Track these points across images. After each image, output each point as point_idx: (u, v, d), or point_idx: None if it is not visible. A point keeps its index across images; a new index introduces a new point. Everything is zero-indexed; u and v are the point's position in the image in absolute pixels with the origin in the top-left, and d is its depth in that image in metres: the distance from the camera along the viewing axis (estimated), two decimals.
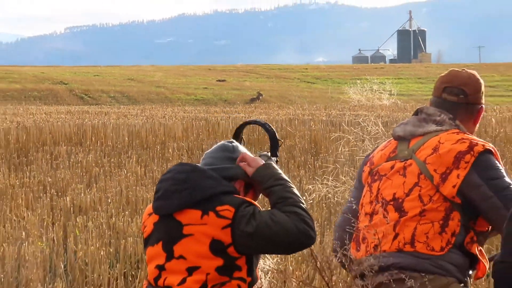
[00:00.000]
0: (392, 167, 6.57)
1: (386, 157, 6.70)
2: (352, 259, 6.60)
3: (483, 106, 6.88)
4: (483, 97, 6.87)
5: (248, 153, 6.01)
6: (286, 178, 5.93)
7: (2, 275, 8.76)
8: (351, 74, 65.86)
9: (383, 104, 31.20)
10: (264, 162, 5.94)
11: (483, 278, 7.40)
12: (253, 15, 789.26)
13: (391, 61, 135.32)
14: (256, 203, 5.82)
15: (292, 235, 5.67)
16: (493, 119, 20.94)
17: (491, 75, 74.75)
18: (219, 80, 68.19)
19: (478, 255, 6.47)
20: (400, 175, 6.50)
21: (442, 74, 6.96)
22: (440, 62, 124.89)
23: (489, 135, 17.21)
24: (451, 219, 6.33)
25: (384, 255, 6.37)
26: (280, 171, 5.96)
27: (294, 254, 7.37)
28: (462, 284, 6.36)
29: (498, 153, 6.51)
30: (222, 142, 6.06)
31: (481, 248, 6.54)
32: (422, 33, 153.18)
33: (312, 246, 6.37)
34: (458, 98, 6.72)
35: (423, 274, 6.29)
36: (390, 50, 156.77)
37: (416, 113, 6.80)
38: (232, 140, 6.16)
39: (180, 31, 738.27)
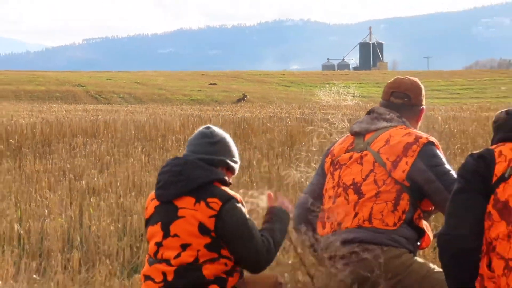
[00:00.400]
0: (350, 158, 6.69)
1: (344, 149, 6.80)
2: (317, 237, 6.66)
3: (424, 107, 7.10)
4: (424, 99, 7.07)
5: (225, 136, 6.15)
6: (286, 222, 6.28)
7: (28, 246, 8.75)
8: (321, 79, 65.87)
9: (347, 104, 31.12)
10: (288, 211, 6.34)
11: (431, 250, 7.40)
12: (240, 30, 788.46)
13: (354, 68, 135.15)
14: (241, 200, 5.96)
15: (255, 245, 5.88)
16: (439, 117, 20.96)
17: (437, 80, 74.86)
18: (211, 84, 68.05)
19: (425, 229, 6.60)
20: (357, 164, 6.62)
21: (389, 81, 7.10)
22: (395, 70, 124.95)
23: (436, 130, 17.21)
24: (402, 199, 6.46)
25: (346, 231, 6.47)
26: (286, 218, 6.30)
27: None
28: (411, 254, 6.45)
29: (439, 145, 6.64)
30: (201, 129, 6.13)
31: (426, 223, 6.68)
32: (380, 45, 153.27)
33: (289, 226, 6.46)
34: (403, 101, 6.91)
35: (379, 246, 6.38)
36: (353, 59, 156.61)
37: (369, 112, 6.94)
38: (208, 126, 6.17)
39: (178, 43, 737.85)
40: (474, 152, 5.20)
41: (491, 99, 52.12)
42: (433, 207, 6.69)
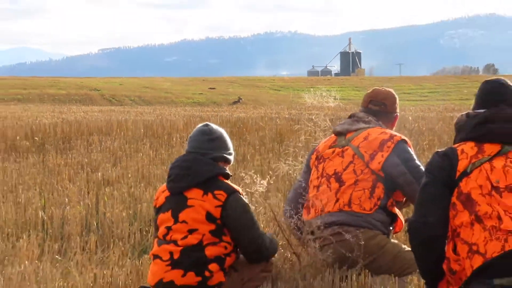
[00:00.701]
0: (333, 152, 6.92)
1: (328, 146, 7.04)
2: (304, 221, 6.81)
3: (398, 114, 7.33)
4: (398, 108, 7.30)
5: (223, 133, 6.35)
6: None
7: (50, 230, 8.75)
8: (307, 84, 65.76)
9: (329, 106, 31.05)
10: None
11: (403, 234, 7.42)
12: (235, 41, 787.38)
13: (336, 74, 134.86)
14: (242, 192, 6.16)
15: (259, 235, 6.11)
16: (410, 117, 20.96)
17: (408, 85, 74.76)
18: (210, 88, 67.91)
19: (398, 215, 6.78)
20: (339, 157, 6.84)
21: (368, 91, 7.34)
22: (371, 76, 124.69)
23: (407, 128, 17.20)
24: (377, 187, 6.67)
25: (328, 215, 6.67)
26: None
27: (261, 219, 7.35)
28: (385, 236, 6.63)
29: (410, 142, 6.92)
30: (200, 126, 6.37)
31: (398, 210, 6.84)
32: (358, 54, 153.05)
33: (276, 211, 6.54)
34: (380, 108, 7.15)
35: (357, 228, 6.55)
36: (335, 66, 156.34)
37: (350, 116, 7.17)
38: (206, 123, 6.40)
39: (182, 52, 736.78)
40: (439, 150, 5.29)
41: (455, 101, 52.11)
42: (404, 199, 6.92)
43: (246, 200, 6.11)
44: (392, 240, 6.82)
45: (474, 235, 4.98)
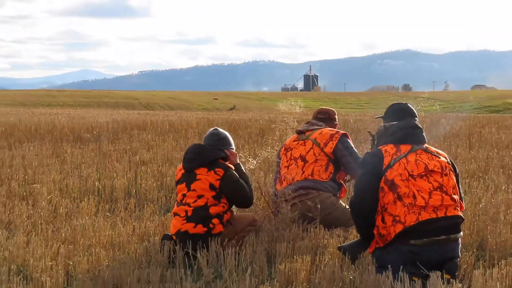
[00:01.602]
0: (297, 143, 7.24)
1: (292, 140, 7.36)
2: (276, 191, 7.01)
3: (337, 123, 7.66)
4: (337, 118, 7.66)
5: (227, 135, 6.54)
6: (246, 173, 6.47)
7: (103, 195, 8.70)
8: (280, 97, 65.65)
9: (296, 111, 31.03)
10: (238, 162, 6.47)
11: (345, 198, 7.43)
12: (232, 66, 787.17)
13: (301, 90, 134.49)
14: (234, 168, 6.31)
15: (245, 194, 6.27)
16: (351, 120, 20.88)
17: (350, 98, 74.94)
18: (214, 99, 67.82)
19: (343, 184, 7.18)
20: (302, 146, 7.17)
21: (317, 109, 7.75)
22: (325, 91, 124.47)
23: (349, 127, 17.17)
24: (329, 165, 7.02)
25: (297, 182, 6.92)
26: (244, 169, 6.50)
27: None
28: (336, 197, 6.96)
29: (352, 137, 7.52)
30: (211, 130, 6.63)
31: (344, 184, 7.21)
32: (316, 76, 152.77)
33: (260, 183, 6.58)
34: (325, 116, 7.52)
35: (317, 191, 6.85)
36: (300, 85, 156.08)
37: (307, 123, 7.51)
38: (215, 128, 6.65)
39: (195, 74, 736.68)
40: (369, 151, 5.61)
41: (382, 109, 52.00)
42: (347, 176, 7.20)
43: (236, 173, 6.26)
44: (340, 201, 7.04)
45: (396, 209, 5.14)
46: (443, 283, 4.72)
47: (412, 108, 5.91)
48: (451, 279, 4.88)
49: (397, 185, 5.14)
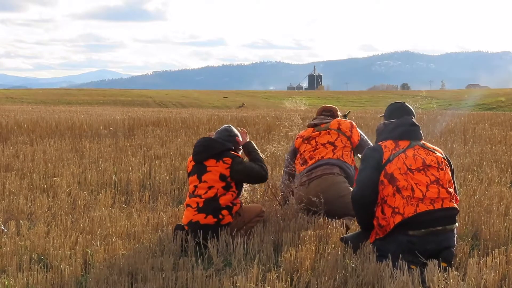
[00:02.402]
0: (319, 133, 7.32)
1: (311, 132, 7.41)
2: (295, 172, 7.26)
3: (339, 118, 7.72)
4: (339, 114, 7.80)
5: (238, 133, 6.50)
6: (257, 149, 6.40)
7: (119, 188, 8.70)
8: (286, 95, 65.57)
9: (301, 109, 30.98)
10: (249, 140, 6.47)
11: None
12: (240, 67, 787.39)
13: (305, 89, 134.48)
14: (241, 155, 6.31)
15: (257, 172, 6.14)
16: (353, 117, 20.86)
17: (351, 96, 74.81)
18: (224, 97, 67.76)
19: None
20: (327, 135, 7.28)
21: (320, 107, 7.90)
22: (328, 90, 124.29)
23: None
24: (352, 153, 7.23)
25: (327, 159, 7.08)
26: (255, 146, 6.43)
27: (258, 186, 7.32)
28: (349, 185, 6.96)
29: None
30: (224, 126, 6.53)
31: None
32: (320, 76, 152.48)
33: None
34: (330, 113, 7.69)
35: (341, 170, 7.03)
36: (305, 84, 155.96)
37: (315, 118, 7.63)
38: (229, 125, 6.54)
39: (206, 74, 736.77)
40: (370, 146, 5.68)
41: (382, 107, 52.05)
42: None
43: (244, 159, 6.30)
44: (351, 189, 6.98)
45: (396, 201, 5.15)
46: (440, 271, 4.70)
47: (410, 107, 5.90)
48: (447, 267, 4.86)
49: (396, 178, 5.15)
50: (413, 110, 5.99)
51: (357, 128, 7.37)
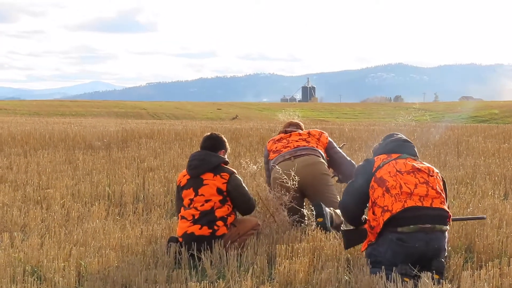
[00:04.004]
0: (290, 135, 7.60)
1: (280, 136, 7.65)
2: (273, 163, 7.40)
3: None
4: (303, 127, 7.95)
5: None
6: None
7: (113, 200, 8.68)
8: (280, 107, 65.62)
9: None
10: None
11: None
12: (234, 78, 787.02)
13: (299, 101, 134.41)
14: (238, 173, 6.38)
15: (250, 200, 6.31)
16: (346, 129, 20.86)
17: (345, 108, 74.89)
18: (218, 109, 67.75)
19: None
20: (298, 135, 7.57)
21: (288, 122, 8.12)
22: (322, 102, 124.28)
23: (344, 136, 17.13)
24: (324, 151, 7.49)
25: (302, 147, 7.32)
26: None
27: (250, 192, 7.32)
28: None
29: (347, 146, 8.24)
30: (208, 134, 6.62)
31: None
32: (313, 88, 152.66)
33: (259, 189, 6.54)
34: (297, 126, 7.91)
35: (317, 156, 7.29)
36: (298, 96, 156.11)
37: (286, 128, 7.86)
38: (212, 132, 6.66)
39: (199, 85, 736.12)
40: (366, 158, 5.81)
41: (376, 119, 52.11)
42: (338, 175, 7.70)
43: (240, 177, 6.31)
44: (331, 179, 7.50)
45: (385, 200, 5.23)
46: (434, 284, 4.70)
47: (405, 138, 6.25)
48: (441, 280, 4.87)
49: (386, 180, 5.28)
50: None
51: (327, 136, 7.72)
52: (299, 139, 7.49)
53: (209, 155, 6.27)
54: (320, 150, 7.38)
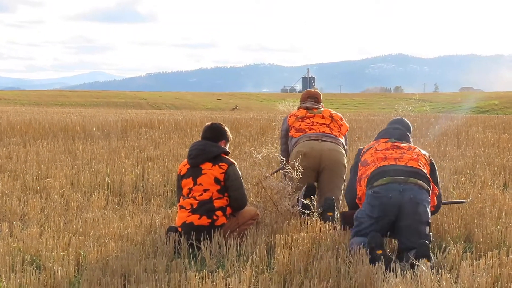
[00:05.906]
0: (313, 115, 7.59)
1: (305, 113, 7.65)
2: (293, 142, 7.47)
3: (323, 104, 7.87)
4: (321, 98, 7.93)
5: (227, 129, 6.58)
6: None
7: (112, 189, 8.67)
8: (280, 97, 65.55)
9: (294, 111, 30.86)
10: None
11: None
12: (234, 69, 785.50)
13: (299, 92, 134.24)
14: (236, 164, 6.33)
15: (244, 194, 6.24)
16: (346, 119, 20.82)
17: (345, 99, 74.83)
18: (218, 99, 67.64)
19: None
20: (322, 118, 7.57)
21: (304, 93, 7.98)
22: (322, 92, 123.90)
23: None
24: (344, 135, 7.63)
25: (324, 133, 7.40)
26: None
27: (252, 187, 7.31)
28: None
29: (348, 137, 8.02)
30: (208, 123, 6.57)
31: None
32: (313, 78, 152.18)
33: (260, 178, 6.52)
34: (315, 100, 7.82)
35: (337, 144, 7.34)
36: (298, 86, 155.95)
37: (306, 100, 7.80)
38: (213, 122, 6.60)
39: (199, 76, 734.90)
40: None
41: (376, 110, 52.05)
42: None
43: (239, 170, 6.27)
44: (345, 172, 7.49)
45: (366, 171, 5.73)
46: (419, 268, 4.71)
47: (405, 120, 6.40)
48: (439, 268, 4.86)
49: (366, 160, 5.79)
50: (409, 124, 6.38)
51: (347, 125, 7.76)
52: (323, 123, 7.53)
53: (209, 145, 6.26)
54: (341, 140, 7.50)
